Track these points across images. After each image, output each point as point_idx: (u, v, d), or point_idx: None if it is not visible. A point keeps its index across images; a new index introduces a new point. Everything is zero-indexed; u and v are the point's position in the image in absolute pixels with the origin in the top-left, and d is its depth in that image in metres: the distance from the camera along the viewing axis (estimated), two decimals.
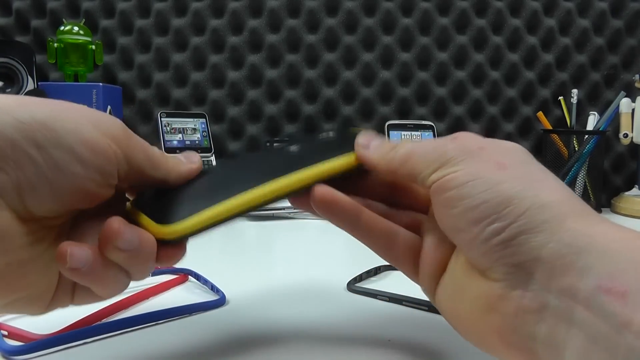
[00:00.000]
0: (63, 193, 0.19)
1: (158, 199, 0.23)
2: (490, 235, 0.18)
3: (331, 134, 0.28)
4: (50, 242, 0.20)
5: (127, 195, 0.24)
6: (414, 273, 0.24)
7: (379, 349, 0.26)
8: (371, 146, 0.25)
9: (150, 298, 0.33)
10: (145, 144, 0.22)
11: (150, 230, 0.20)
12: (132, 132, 0.21)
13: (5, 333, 0.26)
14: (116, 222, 0.19)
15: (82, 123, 0.19)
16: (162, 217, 0.21)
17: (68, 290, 0.21)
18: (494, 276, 0.19)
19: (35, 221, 0.19)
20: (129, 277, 0.21)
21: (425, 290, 0.24)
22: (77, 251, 0.18)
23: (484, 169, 0.20)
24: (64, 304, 0.21)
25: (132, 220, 0.21)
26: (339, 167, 0.24)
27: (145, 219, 0.21)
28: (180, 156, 0.24)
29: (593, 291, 0.15)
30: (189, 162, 0.24)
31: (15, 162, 0.17)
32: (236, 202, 0.22)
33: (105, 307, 0.30)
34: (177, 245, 0.21)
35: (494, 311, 0.19)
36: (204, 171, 0.24)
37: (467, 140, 0.21)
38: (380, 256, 0.25)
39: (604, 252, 0.16)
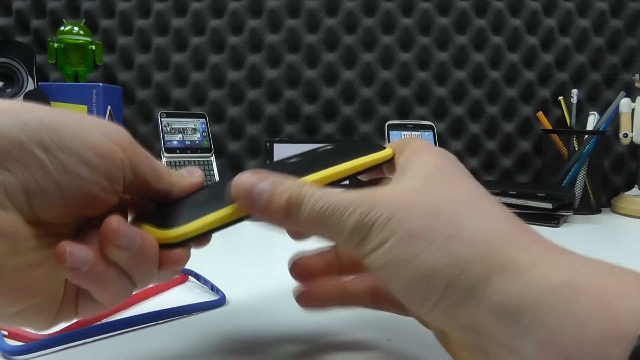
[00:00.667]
0: (70, 197, 0.18)
1: (160, 211, 0.23)
2: (427, 310, 0.18)
3: (329, 145, 0.28)
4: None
5: (128, 211, 0.24)
6: (402, 311, 0.25)
7: (379, 349, 0.26)
8: (257, 193, 0.20)
9: (150, 298, 0.33)
10: (149, 155, 0.22)
11: (152, 234, 0.20)
12: (137, 143, 0.21)
13: (5, 333, 0.26)
14: (115, 220, 0.19)
15: (88, 128, 0.19)
16: (164, 223, 0.21)
17: (72, 301, 0.21)
18: (454, 335, 0.20)
19: (42, 226, 0.19)
20: (133, 282, 0.20)
21: (416, 318, 0.24)
22: (77, 250, 0.18)
23: (397, 244, 0.18)
24: (68, 317, 0.21)
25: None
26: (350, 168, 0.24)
27: (147, 227, 0.21)
28: (182, 171, 0.24)
29: (537, 354, 0.15)
30: (191, 177, 0.24)
31: (22, 163, 0.17)
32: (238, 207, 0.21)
33: None
34: (180, 249, 0.21)
35: (474, 349, 0.19)
36: (205, 185, 0.25)
37: (376, 208, 0.19)
38: (370, 309, 0.26)
39: (537, 311, 0.15)
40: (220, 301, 0.32)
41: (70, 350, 0.25)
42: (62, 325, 0.27)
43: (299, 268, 0.26)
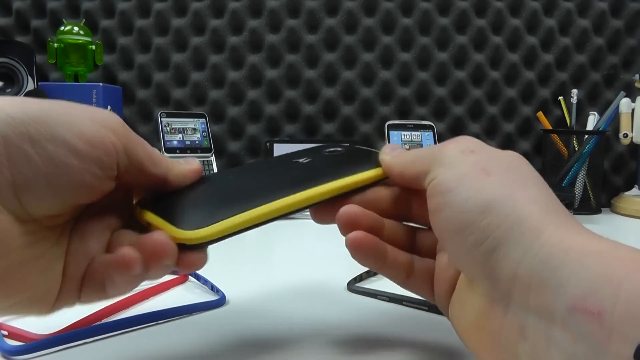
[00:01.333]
0: (61, 188, 0.18)
1: (168, 202, 0.22)
2: (471, 247, 0.19)
3: (339, 149, 0.28)
4: (53, 242, 0.20)
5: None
6: (430, 295, 0.25)
7: (379, 349, 0.26)
8: (391, 153, 0.26)
9: (150, 298, 0.33)
10: (143, 140, 0.21)
11: (170, 233, 0.20)
12: (129, 128, 0.21)
13: (5, 333, 0.26)
14: (164, 239, 0.20)
15: (76, 116, 0.19)
16: (182, 221, 0.21)
17: (74, 289, 0.21)
18: (479, 289, 0.19)
19: (34, 222, 0.18)
20: (145, 277, 0.21)
21: (441, 308, 0.24)
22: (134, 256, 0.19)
23: (470, 173, 0.20)
24: (70, 304, 0.21)
25: (142, 219, 0.21)
26: (366, 179, 0.25)
27: (161, 221, 0.21)
28: (179, 160, 0.24)
29: (569, 311, 0.15)
30: (188, 164, 0.24)
31: (8, 159, 0.17)
32: (264, 211, 0.22)
33: (105, 307, 0.30)
34: (199, 251, 0.21)
35: (482, 328, 0.19)
36: (207, 177, 0.24)
37: (462, 142, 0.22)
38: (398, 285, 0.25)
39: (578, 268, 0.16)
40: (220, 301, 0.32)
41: (70, 350, 0.25)
42: (62, 325, 0.27)
43: (348, 216, 0.24)
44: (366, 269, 0.39)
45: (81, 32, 0.71)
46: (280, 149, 0.72)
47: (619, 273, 0.15)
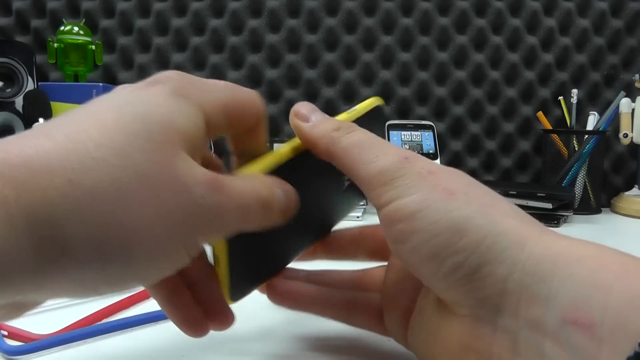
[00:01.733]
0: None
1: (246, 256, 0.22)
2: (450, 270, 0.17)
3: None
4: None
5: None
6: (380, 329, 0.24)
7: (379, 349, 0.26)
8: (312, 120, 0.22)
9: (150, 298, 0.33)
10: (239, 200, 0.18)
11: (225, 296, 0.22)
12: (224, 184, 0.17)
13: (5, 333, 0.26)
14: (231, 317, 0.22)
15: (163, 243, 0.16)
16: (233, 290, 0.21)
17: None
18: (462, 311, 0.18)
19: None
20: None
21: (396, 338, 0.23)
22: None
23: (432, 195, 0.18)
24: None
25: (215, 248, 0.20)
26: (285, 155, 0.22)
27: (224, 275, 0.20)
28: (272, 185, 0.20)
29: (560, 323, 0.15)
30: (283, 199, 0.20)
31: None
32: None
33: (105, 307, 0.30)
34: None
35: (469, 350, 0.18)
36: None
37: (418, 163, 0.20)
38: (341, 322, 0.25)
39: (567, 277, 0.15)
40: None
41: (70, 350, 0.25)
42: (62, 325, 0.27)
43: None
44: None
45: (81, 32, 0.71)
46: None
47: (607, 279, 0.15)
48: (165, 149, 0.16)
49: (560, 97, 0.79)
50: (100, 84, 0.69)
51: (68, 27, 0.71)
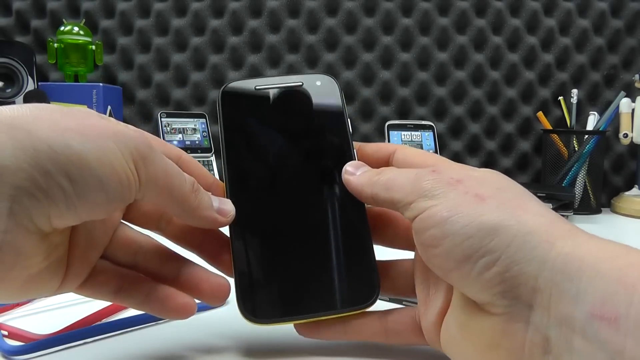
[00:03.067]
0: (84, 214, 0.19)
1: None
2: (482, 270, 0.18)
3: None
4: (62, 243, 0.21)
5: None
6: (419, 339, 0.24)
7: (379, 349, 0.26)
8: (358, 172, 0.25)
9: None
10: (168, 168, 0.21)
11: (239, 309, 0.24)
12: (156, 151, 0.21)
13: (5, 333, 0.26)
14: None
15: (112, 150, 0.19)
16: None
17: (76, 281, 0.23)
18: (495, 310, 0.19)
19: (53, 234, 0.20)
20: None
21: (432, 343, 0.23)
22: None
23: (463, 202, 0.19)
24: (69, 290, 0.23)
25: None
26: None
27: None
28: (214, 199, 0.23)
29: (587, 319, 0.16)
30: (219, 212, 0.23)
31: (47, 191, 0.17)
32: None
33: (105, 307, 0.30)
34: None
35: (500, 347, 0.19)
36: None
37: (445, 172, 0.21)
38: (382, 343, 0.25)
39: (594, 275, 0.16)
40: None
41: (70, 350, 0.25)
42: (62, 325, 0.27)
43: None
44: None
45: (81, 32, 0.71)
46: None
47: (633, 277, 0.15)
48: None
49: (560, 97, 0.79)
50: (100, 84, 0.69)
51: (68, 27, 0.71)
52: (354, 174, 0.25)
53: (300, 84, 0.28)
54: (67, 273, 0.22)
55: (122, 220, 0.25)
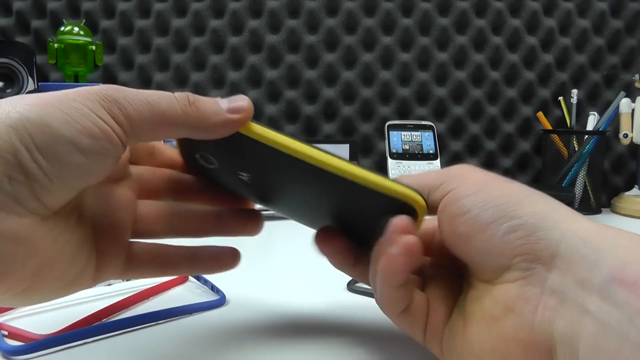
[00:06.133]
0: (73, 182, 0.19)
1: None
2: (508, 231, 0.19)
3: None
4: (74, 227, 0.21)
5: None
6: (420, 332, 0.23)
7: (379, 349, 0.26)
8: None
9: (150, 298, 0.33)
10: (143, 97, 0.20)
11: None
12: (124, 90, 0.20)
13: (6, 333, 0.26)
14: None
15: (77, 108, 0.19)
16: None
17: (118, 264, 0.24)
18: (512, 276, 0.19)
19: (54, 216, 0.19)
20: None
21: (432, 345, 0.23)
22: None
23: (491, 181, 0.21)
24: (113, 276, 0.24)
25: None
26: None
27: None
28: (222, 101, 0.21)
29: (606, 282, 0.16)
30: (232, 112, 0.21)
31: (22, 169, 0.17)
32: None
33: (105, 307, 0.30)
34: None
35: (511, 313, 0.19)
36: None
37: (468, 166, 0.23)
38: (390, 317, 0.24)
39: (615, 246, 0.17)
40: (220, 301, 0.32)
41: (70, 350, 0.25)
42: (62, 325, 0.27)
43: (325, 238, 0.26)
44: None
45: (81, 32, 0.71)
46: None
47: None
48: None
49: (560, 98, 0.79)
50: (101, 84, 0.69)
51: (68, 28, 0.71)
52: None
53: None
54: (100, 259, 0.22)
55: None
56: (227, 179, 0.26)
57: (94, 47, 0.72)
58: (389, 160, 0.73)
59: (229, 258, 0.28)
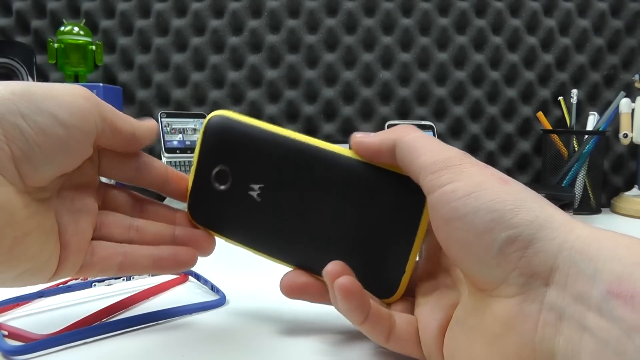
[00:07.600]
0: (52, 155, 0.21)
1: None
2: (504, 244, 0.18)
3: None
4: (45, 215, 0.22)
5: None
6: (416, 350, 0.24)
7: (379, 349, 0.26)
8: (371, 135, 0.27)
9: (150, 298, 0.33)
10: (111, 106, 0.24)
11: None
12: (99, 98, 0.24)
13: (6, 333, 0.26)
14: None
15: (56, 90, 0.22)
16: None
17: (75, 262, 0.24)
18: (509, 291, 0.18)
19: (29, 194, 0.21)
20: None
21: (429, 355, 0.23)
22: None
23: (488, 181, 0.20)
24: (68, 274, 0.24)
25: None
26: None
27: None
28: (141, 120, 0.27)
29: (603, 296, 0.16)
30: (148, 123, 0.27)
31: (5, 134, 0.19)
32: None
33: (105, 307, 0.30)
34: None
35: (512, 330, 0.18)
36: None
37: (476, 160, 0.22)
38: (380, 344, 0.24)
39: (612, 257, 0.16)
40: (220, 301, 0.32)
41: (70, 350, 0.25)
42: (62, 325, 0.27)
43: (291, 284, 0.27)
44: None
45: (81, 32, 0.71)
46: None
47: None
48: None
49: (560, 97, 0.79)
50: (101, 84, 0.69)
51: (68, 28, 0.71)
52: (368, 136, 0.27)
53: None
54: (63, 254, 0.23)
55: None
56: (237, 205, 0.27)
57: (94, 47, 0.72)
58: None
59: (186, 257, 0.28)
